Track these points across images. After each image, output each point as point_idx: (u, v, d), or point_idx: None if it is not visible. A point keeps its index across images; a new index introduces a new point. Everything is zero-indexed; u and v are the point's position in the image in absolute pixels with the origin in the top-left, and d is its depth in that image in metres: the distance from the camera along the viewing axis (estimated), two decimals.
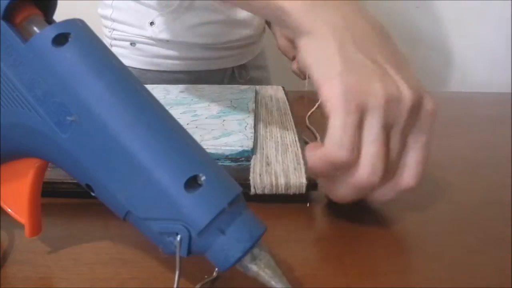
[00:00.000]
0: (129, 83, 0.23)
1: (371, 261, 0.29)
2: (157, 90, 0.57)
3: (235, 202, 0.22)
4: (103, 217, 0.32)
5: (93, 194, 0.24)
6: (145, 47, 0.71)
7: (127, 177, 0.22)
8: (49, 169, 0.27)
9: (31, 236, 0.27)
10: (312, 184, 0.34)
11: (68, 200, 0.35)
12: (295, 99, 0.62)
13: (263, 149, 0.39)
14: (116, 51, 0.70)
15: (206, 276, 0.26)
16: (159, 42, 0.70)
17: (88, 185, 0.23)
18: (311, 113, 0.55)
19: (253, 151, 0.38)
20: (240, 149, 0.37)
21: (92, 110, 0.22)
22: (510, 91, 0.68)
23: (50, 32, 0.22)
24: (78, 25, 0.24)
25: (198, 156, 0.23)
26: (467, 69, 1.13)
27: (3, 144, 0.25)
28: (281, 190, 0.34)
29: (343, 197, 0.30)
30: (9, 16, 0.23)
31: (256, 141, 0.40)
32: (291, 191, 0.34)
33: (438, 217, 0.34)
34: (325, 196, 0.33)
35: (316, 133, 0.49)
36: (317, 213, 0.34)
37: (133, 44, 0.71)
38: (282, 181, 0.34)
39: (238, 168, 0.36)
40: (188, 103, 0.51)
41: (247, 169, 0.35)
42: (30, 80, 0.23)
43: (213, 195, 0.22)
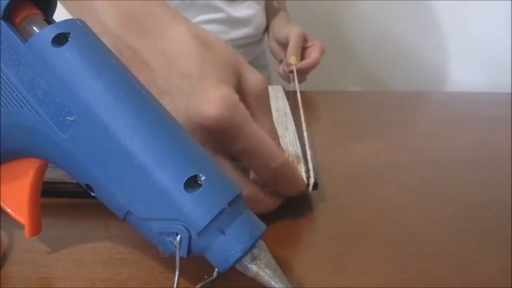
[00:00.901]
0: (129, 83, 0.23)
1: (371, 261, 0.29)
2: None
3: (235, 202, 0.22)
4: (103, 217, 0.32)
5: (93, 194, 0.24)
6: None
7: (127, 177, 0.22)
8: (49, 168, 0.27)
9: (31, 236, 0.27)
10: (314, 184, 0.34)
11: (68, 200, 0.35)
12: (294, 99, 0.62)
13: None
14: None
15: (206, 276, 0.26)
16: None
17: (88, 185, 0.23)
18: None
19: None
20: None
21: (92, 110, 0.22)
22: (510, 91, 0.68)
23: (50, 32, 0.22)
24: (78, 25, 0.24)
25: (198, 156, 0.23)
26: (467, 69, 1.13)
27: (3, 144, 0.25)
28: None
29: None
30: (9, 16, 0.23)
31: None
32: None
33: (438, 217, 0.34)
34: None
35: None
36: (317, 213, 0.34)
37: None
38: None
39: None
40: None
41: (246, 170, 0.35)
42: (30, 80, 0.23)
43: (213, 195, 0.22)
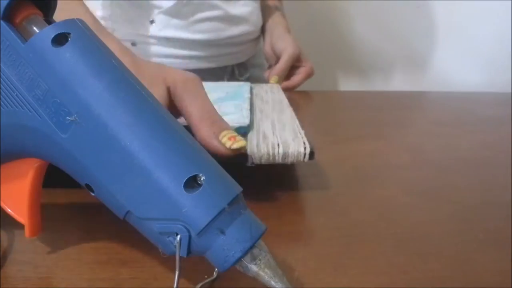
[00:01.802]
0: (129, 83, 0.23)
1: (371, 261, 0.29)
2: None
3: (235, 202, 0.22)
4: (103, 217, 0.32)
5: (93, 194, 0.24)
6: (146, 46, 0.71)
7: (126, 177, 0.22)
8: None
9: (31, 236, 0.27)
10: (310, 153, 0.33)
11: (68, 200, 0.35)
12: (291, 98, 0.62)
13: (259, 126, 0.39)
14: None
15: (206, 276, 0.26)
16: (160, 40, 0.71)
17: (88, 185, 0.23)
18: None
19: (249, 127, 0.38)
20: (236, 125, 0.37)
21: (92, 110, 0.22)
22: (510, 91, 0.68)
23: (50, 32, 0.22)
24: (78, 25, 0.24)
25: (198, 156, 0.23)
26: (467, 69, 1.13)
27: (3, 144, 0.25)
28: (279, 159, 0.33)
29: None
30: (9, 16, 0.23)
31: (252, 121, 0.41)
32: (289, 160, 0.34)
33: (438, 217, 0.34)
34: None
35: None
36: (317, 213, 0.34)
37: (134, 44, 0.71)
38: (280, 150, 0.33)
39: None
40: None
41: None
42: (30, 80, 0.23)
43: (212, 195, 0.22)
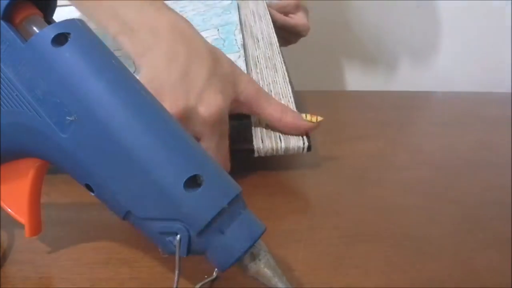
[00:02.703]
0: (129, 82, 0.23)
1: (371, 261, 0.29)
2: None
3: (234, 201, 0.22)
4: (103, 217, 0.32)
5: (92, 194, 0.24)
6: None
7: (126, 177, 0.22)
8: None
9: (31, 236, 0.27)
10: (307, 147, 0.38)
11: (68, 200, 0.35)
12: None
13: None
14: None
15: (206, 276, 0.26)
16: None
17: (87, 185, 0.23)
18: None
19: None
20: None
21: (91, 110, 0.22)
22: (510, 91, 0.68)
23: (50, 32, 0.22)
24: (77, 25, 0.24)
25: (198, 155, 0.23)
26: (467, 69, 1.13)
27: (3, 144, 0.25)
28: (281, 153, 0.38)
29: None
30: (8, 16, 0.23)
31: None
32: (290, 153, 0.38)
33: (438, 217, 0.34)
34: None
35: None
36: (317, 213, 0.34)
37: None
38: (282, 145, 0.37)
39: (240, 129, 0.39)
40: None
41: (249, 130, 0.39)
42: (30, 80, 0.23)
43: (212, 195, 0.22)
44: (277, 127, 0.38)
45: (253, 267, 0.22)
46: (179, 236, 0.22)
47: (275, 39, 0.51)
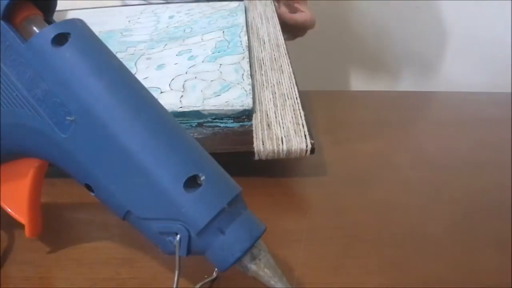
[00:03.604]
0: (129, 83, 0.23)
1: (371, 261, 0.29)
2: (146, 15, 0.56)
3: (234, 202, 0.22)
4: (103, 217, 0.32)
5: (92, 194, 0.24)
6: None
7: (126, 177, 0.22)
8: None
9: (31, 236, 0.27)
10: (311, 149, 0.36)
11: (68, 200, 0.35)
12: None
13: (261, 104, 0.40)
14: None
15: (206, 276, 0.26)
16: None
17: (87, 185, 0.23)
18: None
19: (253, 109, 0.39)
20: (241, 108, 0.38)
21: (91, 110, 0.22)
22: (510, 91, 0.68)
23: (50, 32, 0.22)
24: (77, 25, 0.24)
25: (198, 155, 0.23)
26: (467, 69, 1.13)
27: (3, 144, 0.25)
28: (283, 155, 0.36)
29: None
30: (9, 16, 0.23)
31: (254, 92, 0.41)
32: (292, 156, 0.36)
33: (438, 217, 0.34)
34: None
35: None
36: (317, 213, 0.34)
37: None
38: (284, 147, 0.36)
39: (241, 131, 0.37)
40: (181, 37, 0.50)
41: (249, 132, 0.37)
42: (30, 80, 0.23)
43: (212, 195, 0.22)
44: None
45: (253, 267, 0.22)
46: (179, 236, 0.22)
47: (282, 41, 0.51)
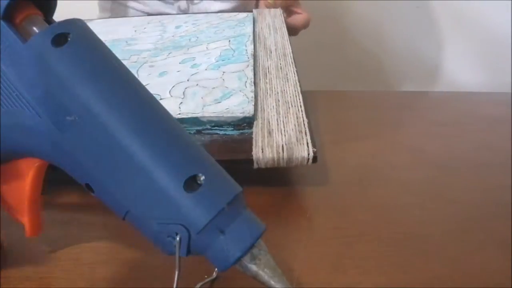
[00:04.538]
0: (129, 83, 0.23)
1: (371, 261, 0.29)
2: (153, 25, 0.56)
3: (234, 201, 0.22)
4: (103, 217, 0.32)
5: (93, 194, 0.24)
6: None
7: (126, 177, 0.22)
8: None
9: (31, 235, 0.27)
10: (313, 157, 0.34)
11: (68, 200, 0.35)
12: None
13: (264, 111, 0.39)
14: None
15: (206, 276, 0.26)
16: None
17: (88, 185, 0.23)
18: None
19: (254, 116, 0.38)
20: (241, 115, 0.37)
21: (91, 110, 0.22)
22: (510, 91, 0.68)
23: (50, 32, 0.22)
24: (77, 25, 0.24)
25: (197, 156, 0.23)
26: (467, 69, 1.13)
27: (3, 144, 0.25)
28: (283, 164, 0.34)
29: None
30: (9, 16, 0.23)
31: (256, 100, 0.40)
32: (293, 164, 0.34)
33: (438, 217, 0.34)
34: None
35: None
36: (317, 213, 0.34)
37: None
38: (284, 155, 0.34)
39: (240, 139, 0.36)
40: (186, 45, 0.50)
41: (249, 140, 0.36)
42: (29, 80, 0.23)
43: (212, 195, 0.22)
44: None
45: (253, 267, 0.22)
46: (179, 236, 0.22)
47: (289, 50, 0.51)
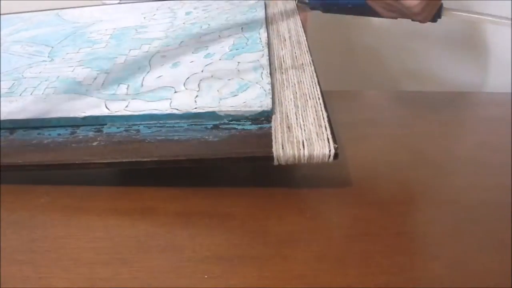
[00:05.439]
0: None
1: (371, 261, 0.29)
2: (162, 11, 0.54)
3: None
4: (103, 217, 0.32)
5: None
6: None
7: None
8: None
9: None
10: (334, 154, 0.33)
11: (68, 200, 0.35)
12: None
13: (282, 105, 0.38)
14: None
15: None
16: None
17: None
18: None
19: (272, 110, 0.37)
20: (259, 109, 0.36)
21: None
22: (510, 91, 0.68)
23: None
24: None
25: None
26: (467, 69, 1.13)
27: None
28: (304, 161, 0.33)
29: None
30: None
31: (273, 92, 0.39)
32: (314, 161, 0.33)
33: (438, 217, 0.34)
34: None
35: None
36: (318, 213, 0.34)
37: None
38: (305, 152, 0.33)
39: (259, 134, 0.35)
40: (197, 33, 0.49)
41: (268, 135, 0.34)
42: None
43: None
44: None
45: None
46: None
47: (303, 38, 0.48)
